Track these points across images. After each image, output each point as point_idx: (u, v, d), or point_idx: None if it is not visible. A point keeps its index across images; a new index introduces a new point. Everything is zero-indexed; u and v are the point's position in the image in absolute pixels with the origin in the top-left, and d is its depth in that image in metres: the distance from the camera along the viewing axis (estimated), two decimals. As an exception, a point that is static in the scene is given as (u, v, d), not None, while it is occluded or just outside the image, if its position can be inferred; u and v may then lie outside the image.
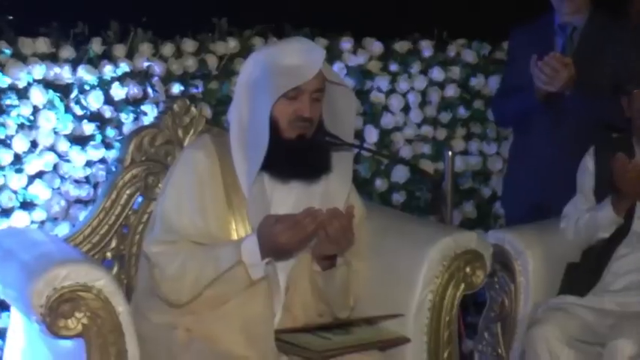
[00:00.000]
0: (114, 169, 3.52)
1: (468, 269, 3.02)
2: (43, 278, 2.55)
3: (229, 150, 2.90)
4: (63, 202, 3.60)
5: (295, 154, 2.85)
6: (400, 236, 3.08)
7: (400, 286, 3.00)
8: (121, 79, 3.72)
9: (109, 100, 3.69)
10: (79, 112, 3.63)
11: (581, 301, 3.42)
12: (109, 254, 3.20)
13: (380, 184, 4.34)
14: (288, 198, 2.90)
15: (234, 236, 2.89)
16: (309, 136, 2.87)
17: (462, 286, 3.02)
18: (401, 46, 4.42)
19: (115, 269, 3.20)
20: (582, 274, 3.49)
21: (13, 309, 3.02)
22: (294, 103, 2.82)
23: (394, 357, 2.96)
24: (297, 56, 2.84)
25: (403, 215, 3.41)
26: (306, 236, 2.76)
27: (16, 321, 2.99)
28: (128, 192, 3.20)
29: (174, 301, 2.82)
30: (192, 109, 3.28)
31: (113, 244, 3.20)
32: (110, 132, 3.69)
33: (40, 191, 3.55)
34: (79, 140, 3.63)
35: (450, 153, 3.25)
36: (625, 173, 3.32)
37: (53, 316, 2.55)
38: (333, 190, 2.97)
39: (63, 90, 3.60)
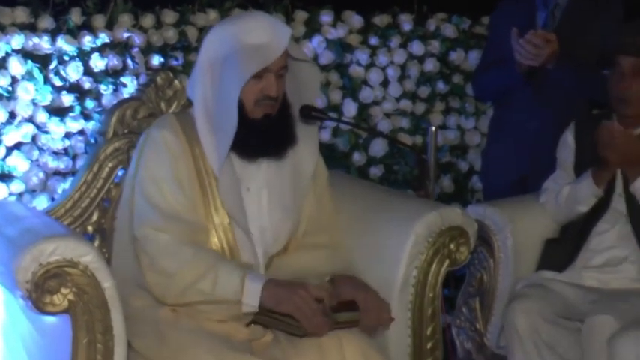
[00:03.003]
0: (93, 141, 3.50)
1: (452, 245, 3.02)
2: (29, 254, 2.51)
3: (194, 128, 2.88)
4: (41, 174, 3.56)
5: (262, 134, 2.84)
6: (386, 212, 3.08)
7: (386, 261, 3.00)
8: (101, 50, 3.67)
9: (88, 71, 3.65)
10: (58, 83, 3.58)
11: (560, 276, 3.44)
12: (90, 228, 3.17)
13: (358, 157, 4.33)
14: (257, 174, 2.90)
15: (205, 215, 2.87)
16: (275, 113, 2.86)
17: (447, 262, 3.03)
18: (381, 19, 4.40)
19: (97, 243, 3.16)
20: (561, 250, 3.51)
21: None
22: (260, 82, 2.81)
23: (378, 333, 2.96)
24: (264, 35, 2.81)
25: (389, 191, 3.41)
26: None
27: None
28: (110, 165, 3.17)
29: (157, 297, 2.80)
30: (176, 82, 3.25)
31: (94, 217, 3.17)
32: (89, 103, 3.64)
33: (18, 163, 3.50)
34: (58, 111, 3.59)
35: (433, 128, 3.24)
36: (612, 140, 3.32)
37: (39, 292, 2.51)
38: (301, 162, 2.98)
39: (42, 60, 3.55)
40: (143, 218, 2.82)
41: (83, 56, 3.63)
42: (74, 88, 3.62)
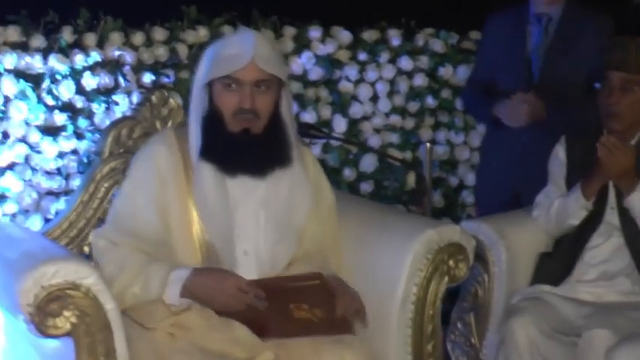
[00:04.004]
0: (86, 160, 3.49)
1: (451, 262, 3.02)
2: (31, 277, 2.49)
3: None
4: (34, 194, 3.55)
5: (239, 148, 2.85)
6: (384, 229, 3.07)
7: (385, 279, 2.99)
8: (93, 68, 3.68)
9: (80, 90, 3.65)
10: (50, 102, 3.59)
11: (556, 290, 3.44)
12: (86, 248, 3.13)
13: (348, 173, 4.34)
14: (254, 194, 2.89)
15: (196, 229, 2.87)
16: (258, 130, 2.86)
17: (446, 279, 3.03)
18: (369, 35, 4.42)
19: (93, 263, 3.13)
20: (555, 264, 3.51)
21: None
22: (236, 94, 2.83)
23: (378, 350, 2.95)
24: (235, 47, 2.85)
25: (386, 207, 3.41)
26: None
27: (-4, 318, 2.93)
28: (106, 185, 3.14)
29: None
30: (171, 100, 3.23)
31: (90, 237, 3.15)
32: (82, 122, 3.65)
33: (11, 183, 3.50)
34: (51, 131, 3.59)
35: (428, 145, 3.25)
36: (612, 152, 3.33)
37: (41, 315, 2.49)
38: (299, 185, 2.96)
39: (34, 80, 3.55)
40: (105, 227, 2.89)
41: (75, 75, 3.63)
42: (67, 107, 3.62)
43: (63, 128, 3.60)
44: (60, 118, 3.59)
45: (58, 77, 3.59)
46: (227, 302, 2.73)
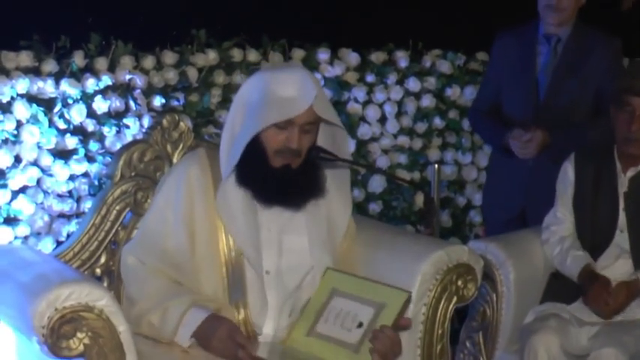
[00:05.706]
0: (97, 183, 3.51)
1: (459, 282, 3.04)
2: (45, 299, 2.51)
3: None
4: (46, 217, 3.58)
5: (278, 182, 2.88)
6: (393, 250, 3.10)
7: (394, 300, 3.01)
8: (104, 92, 3.71)
9: (91, 114, 3.68)
10: (62, 126, 3.62)
11: (569, 308, 3.44)
12: (98, 270, 3.16)
13: (357, 194, 4.36)
14: (279, 214, 2.92)
15: (222, 246, 2.90)
16: (297, 166, 2.89)
17: (454, 299, 3.04)
18: (377, 56, 4.46)
19: (105, 285, 3.17)
20: (565, 284, 3.52)
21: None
22: (283, 132, 2.85)
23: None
24: (292, 89, 2.86)
25: (394, 229, 3.43)
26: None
27: (8, 340, 2.95)
28: (118, 208, 3.17)
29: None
30: (181, 123, 3.26)
31: (102, 260, 3.17)
32: (93, 146, 3.68)
33: (23, 206, 3.52)
34: (62, 154, 3.62)
35: (436, 166, 3.27)
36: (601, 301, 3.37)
37: (55, 337, 2.52)
38: (335, 211, 3.02)
39: (46, 104, 3.59)
40: (134, 244, 2.93)
41: (86, 99, 3.66)
42: (78, 130, 3.66)
43: (74, 151, 3.64)
44: (71, 142, 3.63)
45: (70, 101, 3.62)
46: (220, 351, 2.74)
